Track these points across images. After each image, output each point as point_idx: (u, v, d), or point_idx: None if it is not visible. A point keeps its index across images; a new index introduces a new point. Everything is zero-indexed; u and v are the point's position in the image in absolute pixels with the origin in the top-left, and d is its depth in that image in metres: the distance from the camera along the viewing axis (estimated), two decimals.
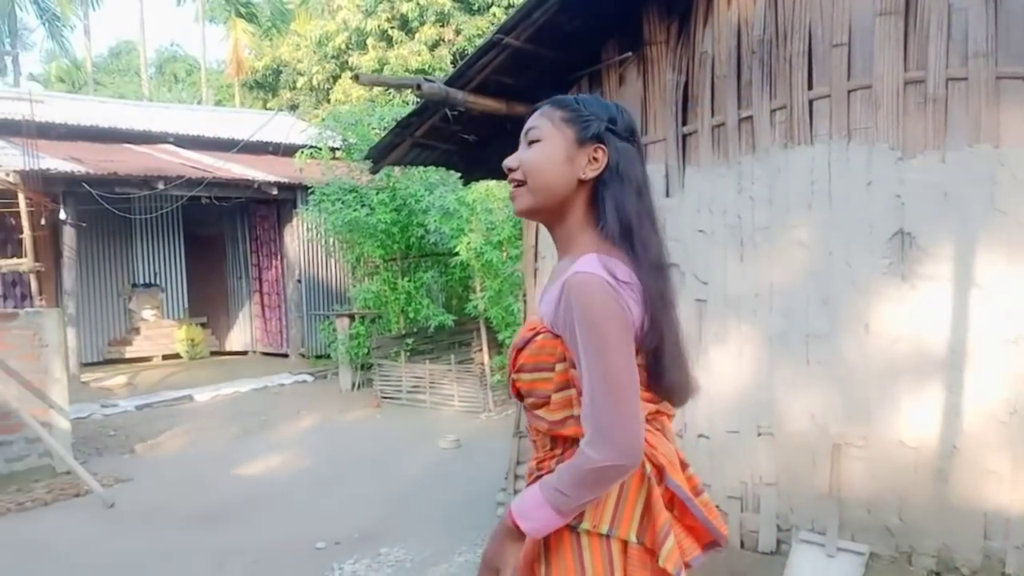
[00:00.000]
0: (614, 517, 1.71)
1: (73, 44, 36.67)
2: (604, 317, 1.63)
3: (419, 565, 5.36)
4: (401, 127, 5.34)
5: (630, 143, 1.82)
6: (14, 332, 7.84)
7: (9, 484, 7.53)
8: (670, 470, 1.74)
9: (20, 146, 11.89)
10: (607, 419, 1.60)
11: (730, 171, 4.52)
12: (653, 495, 1.71)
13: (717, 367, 4.51)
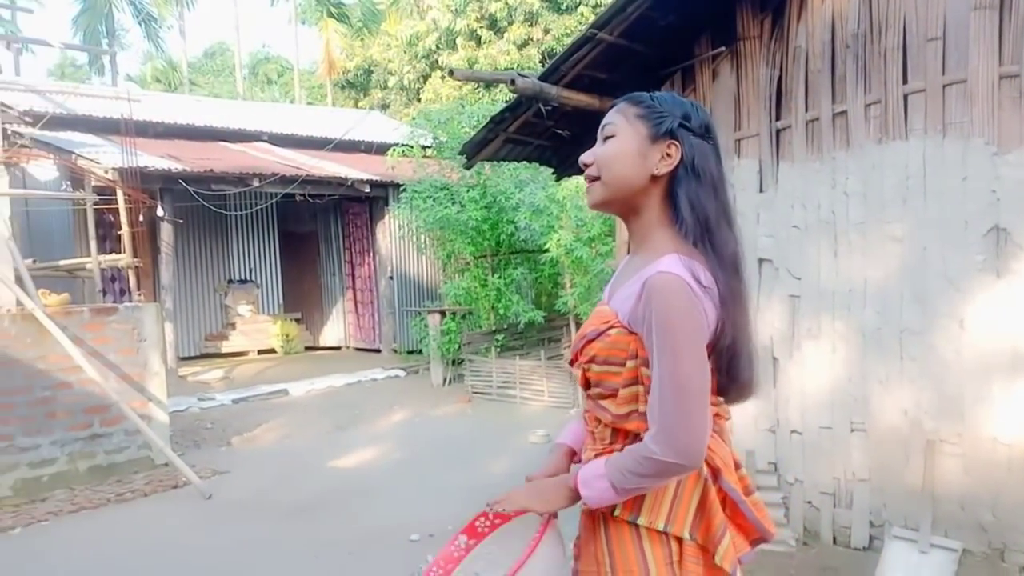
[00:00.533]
0: (669, 514, 1.80)
1: (169, 45, 38.32)
2: (682, 320, 1.69)
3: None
4: (494, 123, 5.57)
5: (705, 140, 1.86)
6: (114, 326, 8.38)
7: (109, 475, 8.07)
8: (725, 472, 1.83)
9: (118, 144, 12.61)
10: (674, 421, 1.68)
11: (824, 166, 4.63)
12: (709, 495, 1.80)
13: (810, 363, 4.63)
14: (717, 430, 1.87)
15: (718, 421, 1.88)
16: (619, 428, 1.84)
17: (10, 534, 6.65)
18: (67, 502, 7.41)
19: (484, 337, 11.86)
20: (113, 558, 6.02)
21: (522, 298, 11.84)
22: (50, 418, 7.80)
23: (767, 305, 4.83)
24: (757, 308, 4.85)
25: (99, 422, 8.11)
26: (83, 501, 7.43)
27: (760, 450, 4.77)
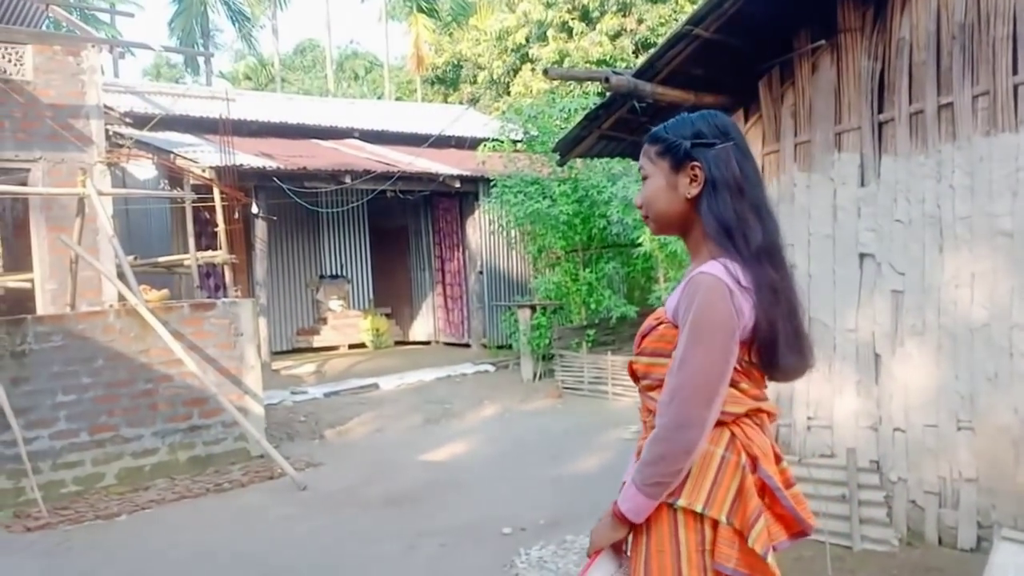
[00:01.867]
0: (708, 497, 1.96)
1: (260, 43, 39.47)
2: (712, 317, 1.92)
3: None
4: (588, 120, 5.68)
5: (723, 143, 2.06)
6: (212, 321, 8.78)
7: (208, 466, 8.47)
8: (763, 461, 1.99)
9: (214, 143, 13.10)
10: (677, 397, 1.93)
11: (929, 159, 4.60)
12: (746, 482, 1.97)
13: (915, 359, 4.61)
14: (759, 423, 2.04)
15: (759, 415, 2.04)
16: None
17: (116, 520, 7.07)
18: (168, 491, 7.82)
19: (575, 332, 11.97)
20: (214, 545, 6.36)
21: (614, 293, 11.90)
22: (152, 410, 8.24)
23: (868, 301, 4.82)
24: (858, 303, 4.85)
25: (198, 414, 8.53)
26: (183, 490, 7.83)
27: (862, 448, 4.77)
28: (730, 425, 2.01)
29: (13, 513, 7.16)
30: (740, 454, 1.98)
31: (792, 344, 2.02)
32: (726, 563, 1.95)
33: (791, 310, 2.04)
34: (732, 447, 1.99)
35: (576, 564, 5.54)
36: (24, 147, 10.31)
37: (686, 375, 1.92)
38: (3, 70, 10.22)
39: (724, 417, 1.99)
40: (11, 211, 13.72)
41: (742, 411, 2.01)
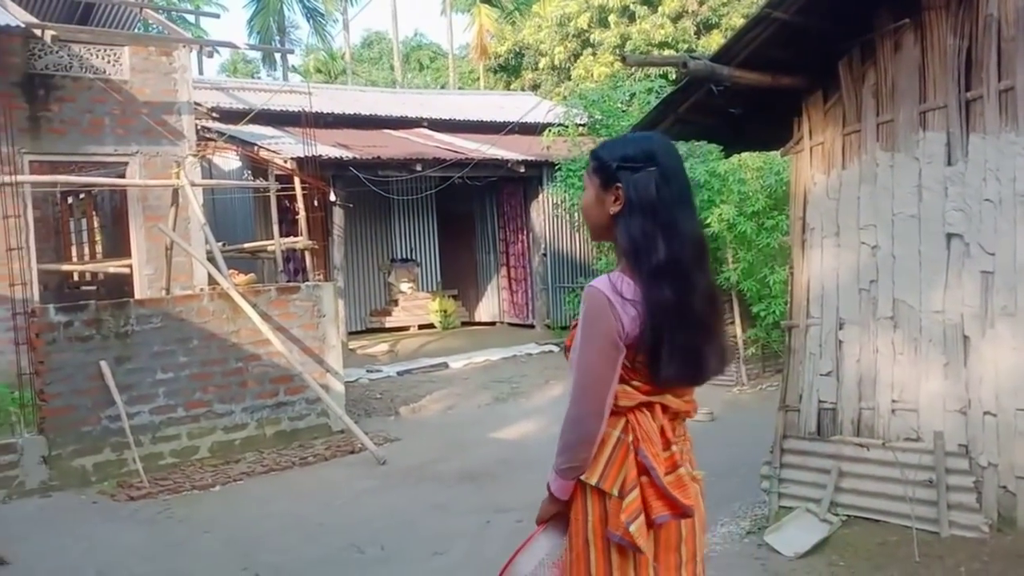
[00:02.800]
0: (602, 474, 2.19)
1: (333, 37, 39.67)
2: (592, 323, 2.15)
3: None
4: (665, 104, 5.48)
5: (645, 168, 2.20)
6: (296, 303, 8.79)
7: (292, 440, 8.49)
8: (644, 444, 2.18)
9: (294, 135, 13.12)
10: (575, 392, 2.20)
11: (1020, 137, 4.30)
12: (628, 460, 2.18)
13: (1006, 341, 4.33)
14: (651, 412, 2.21)
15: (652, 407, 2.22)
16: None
17: (210, 491, 7.10)
18: (257, 464, 7.84)
19: None
20: (302, 515, 6.35)
21: None
22: (242, 387, 8.27)
23: (956, 282, 4.55)
24: (945, 284, 4.58)
25: (284, 391, 8.54)
26: (271, 463, 7.85)
27: (949, 432, 4.51)
28: (626, 412, 2.20)
29: (117, 483, 7.24)
30: (630, 435, 2.19)
31: (675, 357, 2.15)
32: (615, 531, 2.16)
33: (684, 325, 2.15)
34: (625, 430, 2.20)
35: None
36: (122, 142, 10.41)
37: (578, 375, 2.19)
38: (103, 71, 10.31)
39: (619, 408, 2.20)
40: (110, 202, 13.94)
41: (633, 404, 2.20)
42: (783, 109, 5.44)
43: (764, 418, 8.37)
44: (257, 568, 5.24)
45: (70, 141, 10.12)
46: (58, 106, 10.01)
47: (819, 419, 5.20)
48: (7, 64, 9.70)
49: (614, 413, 2.20)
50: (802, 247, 5.36)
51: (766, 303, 9.89)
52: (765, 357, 10.62)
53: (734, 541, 5.29)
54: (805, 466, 5.17)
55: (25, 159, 9.52)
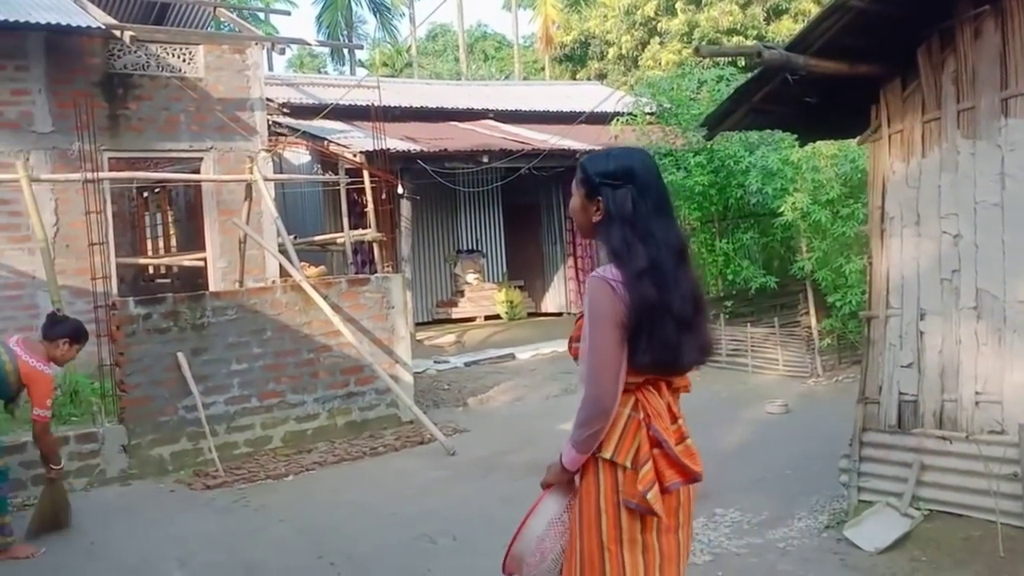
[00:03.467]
0: (616, 447, 2.45)
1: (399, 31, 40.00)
2: (599, 310, 2.42)
3: (757, 527, 5.46)
4: (739, 94, 5.40)
5: (624, 185, 2.48)
6: (366, 295, 8.91)
7: (362, 431, 8.61)
8: (655, 419, 2.45)
9: (362, 129, 13.30)
10: (590, 375, 2.45)
11: None
12: (641, 434, 2.45)
13: None
14: (656, 389, 2.50)
15: (657, 383, 2.50)
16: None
17: (284, 480, 7.26)
18: (329, 453, 7.98)
19: (711, 304, 11.56)
20: (374, 504, 6.44)
21: (752, 263, 11.43)
22: (313, 378, 8.43)
23: None
24: None
25: (354, 382, 8.68)
26: (342, 453, 7.98)
27: None
28: (635, 392, 2.47)
29: (193, 472, 7.44)
30: (640, 412, 2.46)
31: (652, 348, 2.41)
32: (630, 499, 2.44)
33: (663, 320, 2.41)
34: (635, 408, 2.47)
35: (727, 537, 5.33)
36: (197, 139, 10.70)
37: (592, 356, 2.44)
38: (179, 69, 10.59)
39: (628, 386, 2.46)
40: (184, 197, 14.35)
41: (641, 381, 2.47)
42: (859, 97, 5.32)
43: (839, 410, 8.24)
44: (331, 556, 5.34)
45: (147, 138, 10.44)
46: (136, 104, 10.34)
47: (900, 411, 5.09)
48: (88, 64, 10.05)
49: (624, 391, 2.46)
50: (881, 236, 5.24)
51: (842, 293, 9.69)
52: (841, 348, 10.41)
53: (812, 536, 5.22)
54: (885, 459, 5.07)
55: (105, 156, 9.85)
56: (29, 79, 9.66)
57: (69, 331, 5.84)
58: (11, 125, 9.54)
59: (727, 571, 4.81)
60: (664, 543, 2.52)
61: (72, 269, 9.61)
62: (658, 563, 2.51)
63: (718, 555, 5.04)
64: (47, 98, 9.72)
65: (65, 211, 9.77)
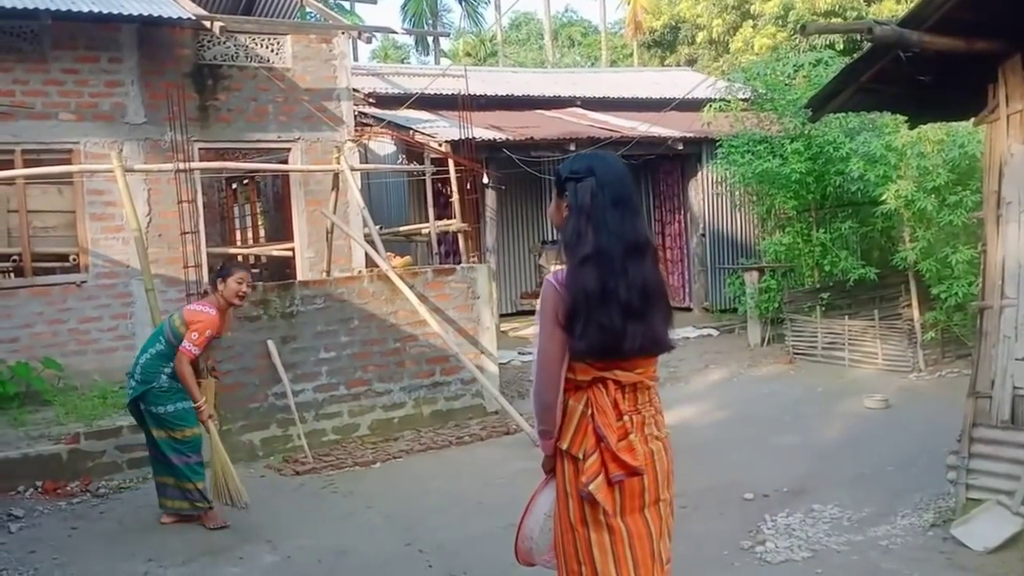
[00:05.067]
0: (571, 440, 2.75)
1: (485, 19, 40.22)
2: (542, 307, 2.71)
3: (857, 524, 5.35)
4: (846, 73, 5.25)
5: (586, 179, 2.73)
6: (452, 285, 8.99)
7: (448, 420, 8.73)
8: (599, 416, 2.70)
9: (447, 118, 13.39)
10: (535, 367, 2.77)
11: None
12: (589, 429, 2.72)
13: None
14: (604, 387, 2.73)
15: (605, 381, 2.73)
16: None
17: (371, 468, 7.40)
18: (415, 442, 8.10)
19: (807, 295, 11.34)
20: (461, 494, 6.51)
21: (850, 254, 11.14)
22: (400, 367, 8.56)
23: None
24: None
25: (440, 371, 8.78)
26: (429, 442, 8.10)
27: None
28: (586, 389, 2.73)
29: (283, 458, 7.65)
30: (590, 408, 2.72)
31: (588, 333, 2.63)
32: (583, 488, 2.70)
33: (604, 306, 2.63)
34: (587, 404, 2.73)
35: (826, 534, 5.23)
36: (285, 129, 10.96)
37: (536, 354, 2.75)
38: (267, 60, 10.86)
39: (580, 383, 2.74)
40: (272, 188, 14.70)
41: (590, 378, 2.72)
42: (976, 76, 5.12)
43: (943, 406, 8.03)
44: (419, 544, 5.43)
45: (236, 129, 10.73)
46: (225, 95, 10.63)
47: (1013, 407, 4.90)
48: (179, 56, 10.38)
49: (578, 388, 2.75)
50: (996, 223, 5.04)
51: (947, 284, 9.37)
52: (945, 342, 10.08)
53: (917, 534, 5.09)
54: (997, 456, 4.89)
55: (195, 147, 10.16)
56: (122, 71, 10.03)
57: (215, 275, 6.15)
58: (105, 117, 9.91)
59: (827, 568, 4.72)
60: (631, 523, 2.74)
61: (165, 258, 9.95)
62: (627, 542, 2.74)
63: (817, 552, 4.96)
64: (139, 89, 10.07)
65: (157, 201, 10.12)
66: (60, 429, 7.47)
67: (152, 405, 5.84)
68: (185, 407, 5.86)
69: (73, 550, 5.63)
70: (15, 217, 9.56)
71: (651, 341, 2.74)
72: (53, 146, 9.67)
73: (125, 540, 5.76)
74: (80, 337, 9.67)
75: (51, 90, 9.65)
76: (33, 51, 9.60)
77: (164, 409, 5.84)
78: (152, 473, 6.24)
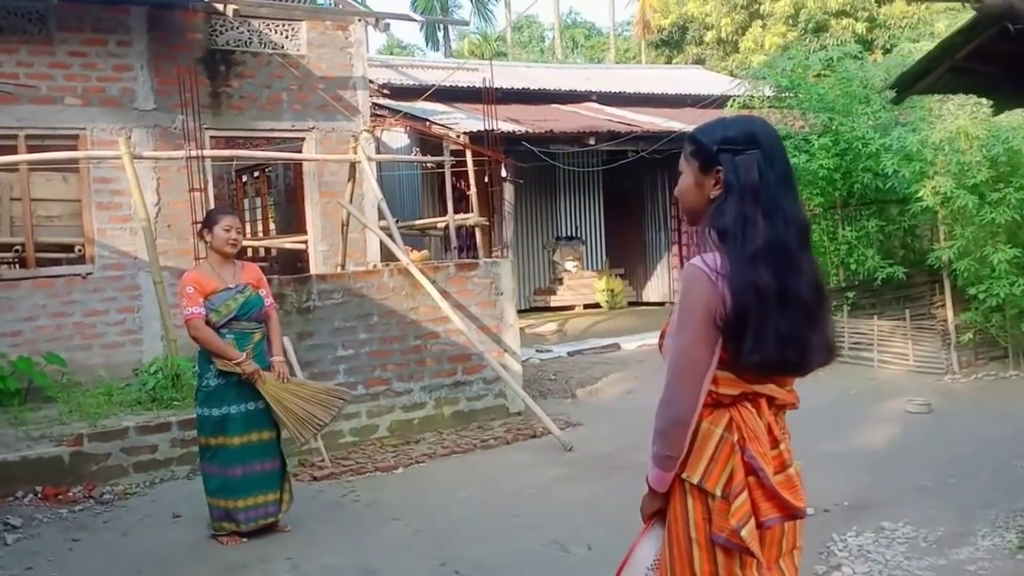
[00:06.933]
0: (705, 472, 2.12)
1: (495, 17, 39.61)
2: (689, 303, 2.09)
3: (936, 544, 4.73)
4: (940, 50, 4.63)
5: (748, 150, 2.12)
6: (475, 280, 8.35)
7: (470, 421, 8.09)
8: (751, 443, 2.09)
9: (463, 111, 12.78)
10: (669, 375, 2.13)
11: None
12: (735, 460, 2.09)
13: None
14: (756, 406, 2.12)
15: (757, 399, 2.13)
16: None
17: (394, 473, 6.76)
18: (438, 445, 7.48)
19: (832, 295, 10.67)
20: (494, 505, 5.87)
21: (878, 252, 10.52)
22: (420, 365, 7.94)
23: None
24: None
25: (462, 370, 8.17)
26: (452, 445, 7.47)
27: None
28: (729, 408, 2.13)
29: (299, 461, 6.99)
30: (735, 434, 2.10)
31: (765, 343, 2.04)
32: (719, 533, 2.08)
33: (784, 310, 2.06)
34: (729, 428, 2.11)
35: (905, 556, 4.60)
36: (299, 118, 10.32)
37: (672, 356, 2.13)
38: (281, 46, 10.21)
39: (722, 399, 2.13)
40: (283, 179, 14.07)
41: (737, 393, 2.11)
42: None
43: (989, 411, 7.45)
44: (454, 563, 4.79)
45: (249, 116, 10.09)
46: (238, 82, 9.99)
47: None
48: (190, 40, 9.73)
49: (717, 407, 2.15)
50: None
51: (986, 284, 8.77)
52: (981, 344, 9.47)
53: (1004, 557, 4.49)
54: None
55: (206, 135, 9.51)
56: (131, 55, 9.36)
57: (201, 226, 5.46)
58: (112, 102, 9.25)
59: None
60: None
61: (174, 250, 9.31)
62: None
63: None
64: (149, 74, 9.42)
65: (166, 190, 9.47)
66: (62, 429, 6.81)
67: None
68: (199, 412, 5.22)
69: (74, 566, 4.99)
70: (18, 205, 8.91)
71: (828, 349, 2.20)
72: (58, 131, 9.02)
73: (131, 555, 5.11)
74: (85, 331, 9.02)
75: (57, 73, 8.99)
76: (39, 32, 8.95)
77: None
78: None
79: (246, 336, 5.22)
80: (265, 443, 5.25)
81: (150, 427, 6.69)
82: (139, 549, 5.19)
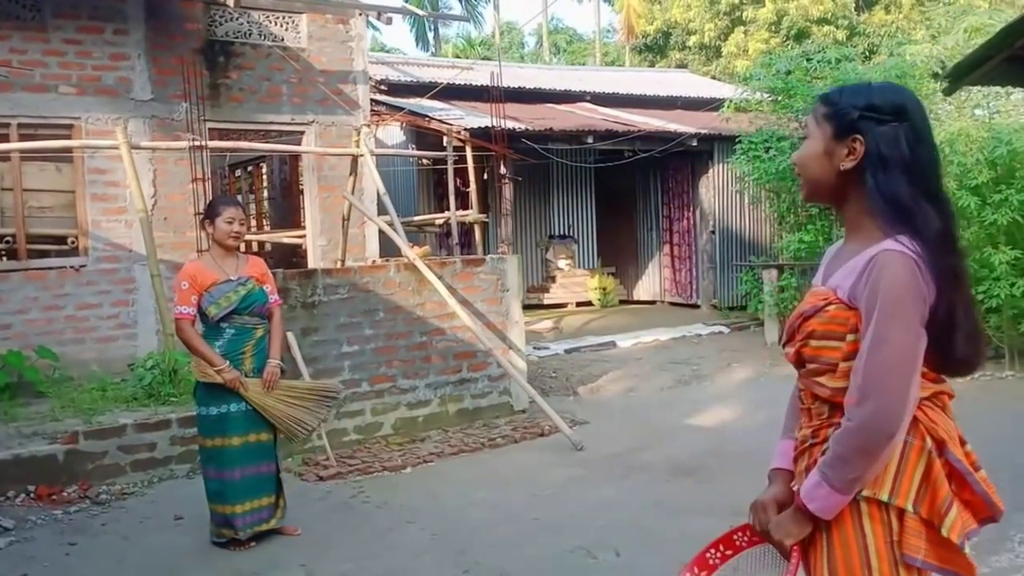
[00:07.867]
0: (894, 485, 1.76)
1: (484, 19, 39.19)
2: (905, 292, 1.73)
3: (975, 551, 4.28)
4: (999, 38, 4.32)
5: (895, 123, 1.81)
6: (481, 277, 7.96)
7: (474, 419, 7.73)
8: (950, 444, 1.79)
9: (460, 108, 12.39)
10: (876, 379, 1.71)
11: None
12: (934, 468, 1.77)
13: None
14: (941, 406, 1.84)
15: (941, 398, 1.85)
16: (837, 402, 1.83)
17: (402, 473, 6.37)
18: (445, 443, 7.10)
19: None
20: (512, 507, 5.47)
21: None
22: (425, 362, 7.55)
23: None
24: None
25: (467, 367, 7.79)
26: (459, 444, 7.09)
27: None
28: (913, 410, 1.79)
29: (303, 459, 6.60)
30: (924, 439, 1.79)
31: (970, 336, 1.79)
32: (915, 554, 1.75)
33: (971, 300, 1.83)
34: (915, 432, 1.79)
35: None
36: (299, 111, 9.88)
37: (885, 355, 1.71)
38: (281, 38, 9.76)
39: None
40: (279, 173, 13.58)
41: (926, 395, 1.81)
42: None
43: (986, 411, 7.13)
44: (479, 570, 4.40)
45: (248, 109, 9.64)
46: (237, 73, 9.53)
47: None
48: (189, 30, 9.26)
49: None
50: None
51: (986, 285, 8.51)
52: None
53: None
54: None
55: (205, 127, 9.03)
56: (128, 43, 8.86)
57: (203, 216, 5.12)
58: (109, 91, 8.75)
59: None
60: None
61: (170, 243, 8.84)
62: None
63: None
64: (146, 64, 8.93)
65: (163, 182, 9.00)
66: (56, 426, 6.33)
67: None
68: (198, 411, 4.79)
69: (74, 572, 4.55)
70: (9, 196, 8.40)
71: (984, 350, 1.95)
72: (52, 121, 8.51)
73: (133, 561, 4.68)
74: (78, 325, 8.53)
75: (51, 61, 8.49)
76: (32, 18, 8.44)
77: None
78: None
79: (247, 331, 4.81)
80: (263, 444, 4.85)
81: (149, 424, 6.25)
82: (141, 554, 4.76)
